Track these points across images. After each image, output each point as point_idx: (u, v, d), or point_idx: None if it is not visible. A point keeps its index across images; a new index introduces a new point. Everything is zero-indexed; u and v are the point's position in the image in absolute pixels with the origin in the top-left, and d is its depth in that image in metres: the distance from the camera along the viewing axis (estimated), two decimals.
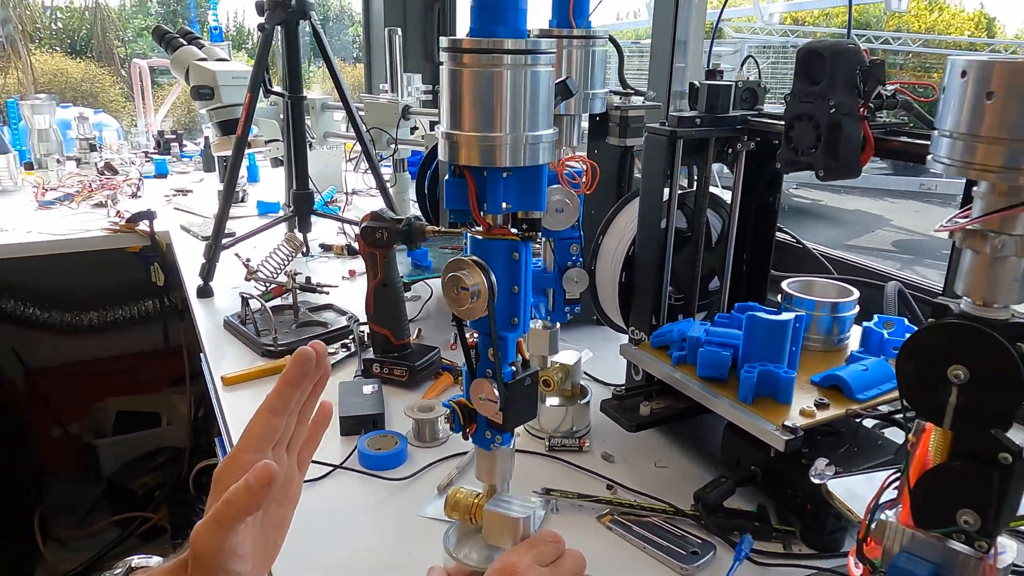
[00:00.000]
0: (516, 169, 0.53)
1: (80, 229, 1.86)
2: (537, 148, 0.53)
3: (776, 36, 6.63)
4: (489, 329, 0.56)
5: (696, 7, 1.81)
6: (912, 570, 0.43)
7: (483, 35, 0.50)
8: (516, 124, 0.51)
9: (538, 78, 0.51)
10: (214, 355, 1.17)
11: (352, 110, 1.48)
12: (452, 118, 0.52)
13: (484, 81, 0.50)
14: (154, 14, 11.32)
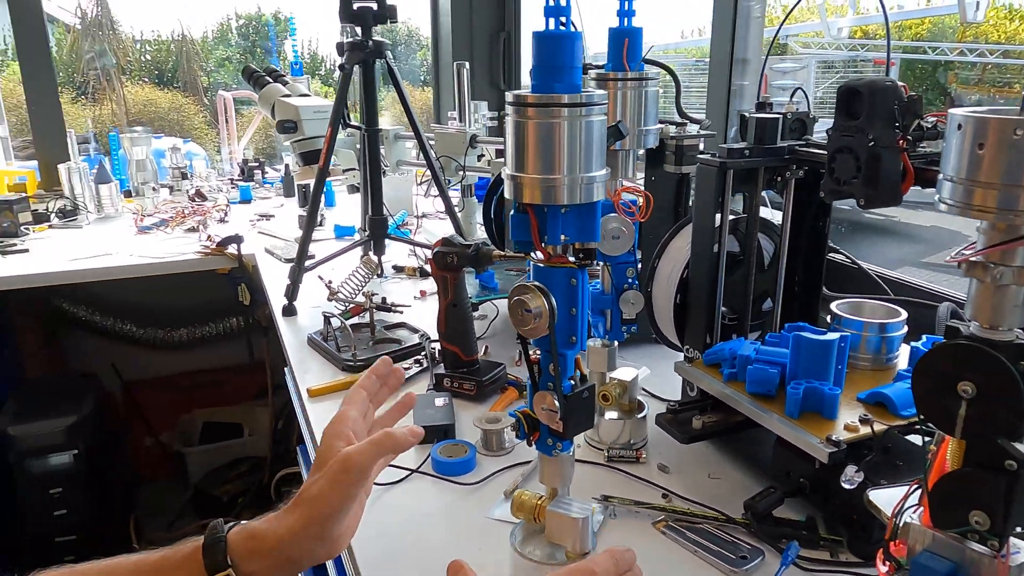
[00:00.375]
0: (573, 206, 0.60)
1: (175, 252, 2.02)
2: (592, 187, 0.60)
3: (844, 51, 6.52)
4: (550, 347, 0.64)
5: (755, 25, 1.85)
6: (932, 567, 0.47)
7: (543, 91, 0.57)
8: (573, 167, 0.59)
9: (592, 126, 0.58)
10: (299, 369, 1.27)
11: (423, 141, 1.58)
12: (516, 162, 0.60)
13: (545, 131, 0.57)
14: (234, 44, 11.89)
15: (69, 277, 1.96)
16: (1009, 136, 0.39)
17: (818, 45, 6.55)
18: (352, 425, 0.69)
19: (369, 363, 1.21)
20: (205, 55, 11.64)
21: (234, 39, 12.08)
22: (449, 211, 1.65)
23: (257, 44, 11.51)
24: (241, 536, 0.65)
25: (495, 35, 2.83)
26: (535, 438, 0.68)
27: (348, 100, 1.55)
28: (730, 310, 1.01)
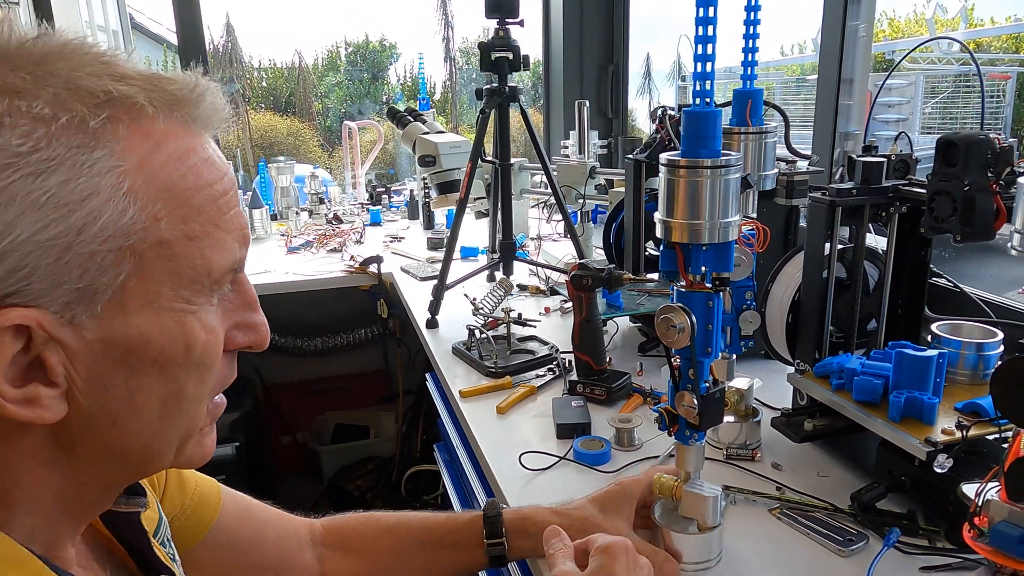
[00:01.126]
0: (712, 244, 0.76)
1: (323, 270, 2.28)
2: (727, 229, 0.76)
3: (956, 65, 6.34)
4: (690, 355, 0.80)
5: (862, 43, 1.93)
6: (1008, 532, 0.60)
7: (691, 155, 0.74)
8: (713, 214, 0.75)
9: (728, 183, 0.74)
10: (448, 374, 1.47)
11: (550, 174, 1.77)
12: (667, 209, 0.77)
13: (692, 187, 0.74)
14: (343, 71, 12.59)
15: None
16: None
17: (926, 60, 6.40)
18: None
19: (508, 370, 1.41)
20: (317, 81, 12.39)
21: (343, 66, 12.80)
22: (571, 235, 1.82)
23: (365, 70, 12.15)
24: (515, 516, 0.87)
25: (604, 67, 3.00)
26: (675, 430, 0.84)
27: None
28: (837, 329, 1.14)
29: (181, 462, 0.54)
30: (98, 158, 0.42)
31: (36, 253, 0.41)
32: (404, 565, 0.88)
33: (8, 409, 0.43)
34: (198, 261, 0.47)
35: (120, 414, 0.47)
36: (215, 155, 0.50)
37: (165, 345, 0.47)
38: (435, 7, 12.06)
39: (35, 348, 0.43)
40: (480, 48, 1.67)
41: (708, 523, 0.85)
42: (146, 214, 0.44)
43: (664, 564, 0.84)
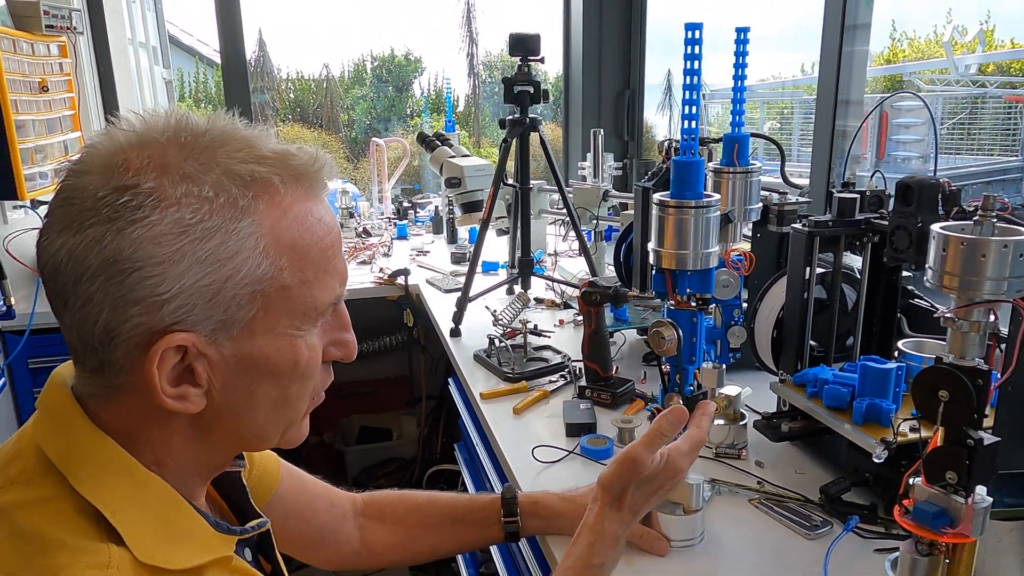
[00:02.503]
0: (696, 270, 0.91)
1: (354, 282, 2.45)
2: (708, 257, 0.91)
3: (974, 87, 6.43)
4: (677, 363, 0.95)
5: (856, 67, 2.06)
6: (927, 510, 0.74)
7: (678, 196, 0.89)
8: (696, 244, 0.90)
9: (710, 220, 0.89)
10: (470, 378, 1.62)
11: (566, 197, 1.92)
12: (658, 240, 0.92)
13: (679, 223, 0.89)
14: (369, 84, 12.87)
15: None
16: (958, 246, 0.67)
17: (944, 82, 6.50)
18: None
19: (524, 376, 1.56)
20: (343, 94, 12.67)
21: (369, 79, 13.09)
22: (585, 253, 1.98)
23: (390, 84, 12.41)
24: (528, 499, 1.03)
25: (621, 93, 3.16)
26: None
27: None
28: (819, 344, 1.28)
29: (281, 443, 0.70)
30: (243, 227, 0.58)
31: (196, 295, 0.56)
32: (432, 537, 1.04)
33: (166, 403, 0.58)
34: (308, 300, 0.62)
35: (242, 409, 0.63)
36: (327, 214, 0.65)
37: (278, 361, 0.62)
38: (459, 23, 12.31)
39: (188, 360, 0.59)
40: (504, 82, 1.84)
41: (692, 506, 0.99)
42: (274, 267, 0.59)
43: (655, 541, 0.99)
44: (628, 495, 0.85)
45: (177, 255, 0.55)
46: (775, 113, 7.91)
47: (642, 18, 3.06)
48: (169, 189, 0.56)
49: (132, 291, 0.55)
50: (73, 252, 0.55)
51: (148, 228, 0.55)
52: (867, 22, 2.05)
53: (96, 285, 0.55)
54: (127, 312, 0.56)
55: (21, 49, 2.02)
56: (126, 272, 0.55)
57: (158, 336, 0.56)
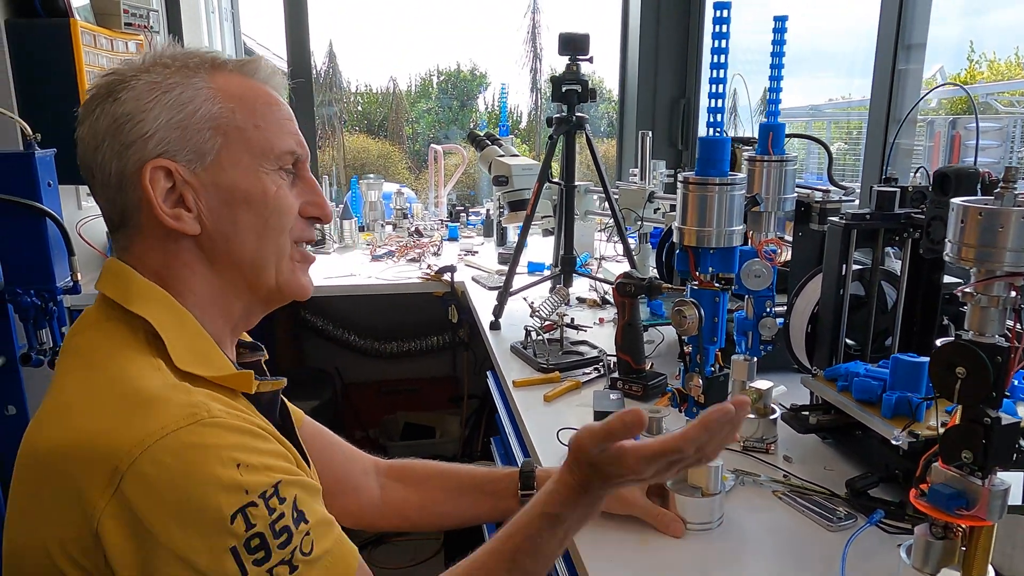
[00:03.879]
0: (719, 248, 0.91)
1: (402, 277, 2.51)
2: (731, 235, 0.91)
3: None
4: (698, 343, 0.95)
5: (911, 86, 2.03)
6: (942, 491, 0.72)
7: (703, 175, 0.90)
8: (720, 222, 0.90)
9: (734, 198, 0.90)
10: (505, 368, 1.64)
11: (611, 197, 1.93)
12: (682, 218, 0.93)
13: (702, 200, 0.90)
14: (434, 98, 13.15)
15: (321, 291, 2.51)
16: (976, 216, 0.66)
17: None
18: None
19: (559, 367, 1.57)
20: (408, 107, 12.98)
21: (434, 93, 13.39)
22: (628, 255, 1.98)
23: (455, 97, 12.65)
24: (545, 474, 1.06)
25: (676, 101, 3.16)
26: (684, 407, 0.99)
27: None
28: (856, 343, 1.26)
29: (282, 284, 0.82)
30: (196, 82, 0.77)
31: (169, 130, 0.75)
32: (450, 502, 1.06)
33: (166, 220, 0.75)
34: (263, 142, 0.79)
35: (231, 234, 0.78)
36: (276, 96, 0.83)
37: (248, 189, 0.78)
38: (524, 39, 12.44)
39: (178, 188, 0.76)
40: (552, 81, 1.87)
41: (710, 490, 0.99)
42: (225, 109, 0.77)
43: (671, 523, 0.98)
44: (583, 464, 0.80)
45: (151, 104, 0.75)
46: (843, 133, 7.75)
47: (699, 26, 3.06)
48: (140, 65, 0.77)
49: (127, 137, 0.74)
50: (89, 129, 0.76)
51: (131, 91, 0.75)
52: (922, 42, 2.02)
53: (105, 144, 0.75)
54: (126, 155, 0.75)
55: (100, 44, 2.15)
56: (121, 125, 0.74)
57: (149, 163, 0.75)
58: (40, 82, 2.01)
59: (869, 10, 2.20)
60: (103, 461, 0.62)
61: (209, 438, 0.64)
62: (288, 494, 0.67)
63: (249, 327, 0.88)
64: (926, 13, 2.02)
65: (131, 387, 0.67)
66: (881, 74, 2.02)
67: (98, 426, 0.64)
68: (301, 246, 0.85)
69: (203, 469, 0.63)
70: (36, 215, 1.69)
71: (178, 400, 0.66)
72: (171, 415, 0.64)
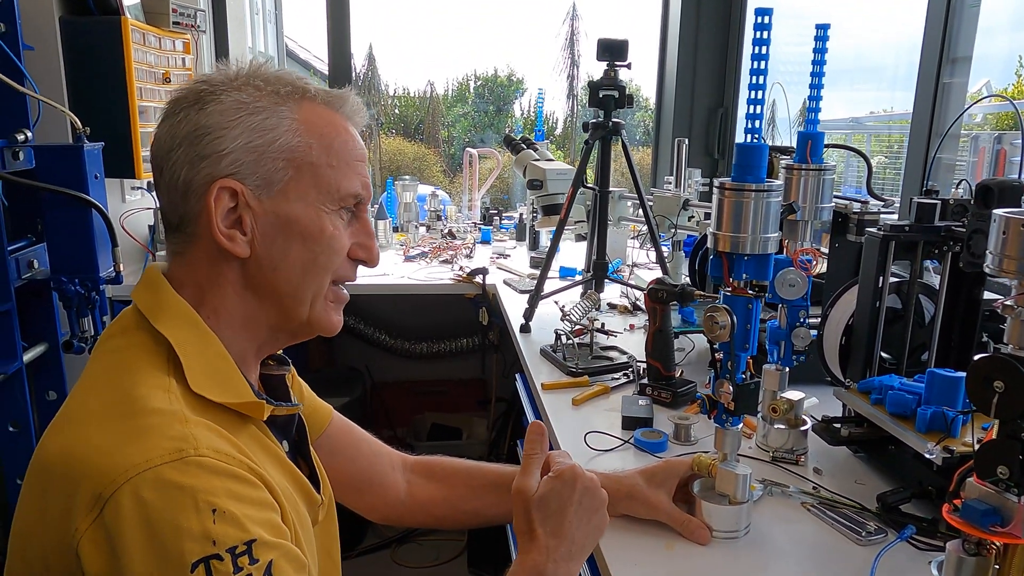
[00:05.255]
0: (753, 255, 0.91)
1: (435, 278, 2.53)
2: (766, 242, 0.91)
3: None
4: (729, 349, 0.94)
5: (954, 100, 2.00)
6: (976, 507, 0.71)
7: (739, 180, 0.90)
8: (755, 229, 0.90)
9: (770, 205, 0.89)
10: (534, 371, 1.65)
11: (645, 203, 1.93)
12: (717, 223, 0.92)
13: (737, 205, 0.89)
14: (471, 103, 13.21)
15: (353, 289, 2.53)
16: (1019, 228, 0.65)
17: None
18: None
19: (588, 371, 1.57)
20: (445, 111, 13.06)
21: (471, 97, 13.45)
22: (660, 262, 1.97)
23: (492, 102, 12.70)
24: None
25: (714, 110, 3.14)
26: (713, 414, 0.98)
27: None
28: (892, 356, 1.24)
29: (313, 320, 0.82)
30: (283, 111, 0.78)
31: (245, 153, 0.76)
32: (474, 499, 1.07)
33: (220, 239, 0.76)
34: (333, 182, 0.79)
35: (279, 262, 0.78)
36: (354, 133, 0.83)
37: (307, 225, 0.78)
38: (563, 46, 12.46)
39: (239, 209, 0.76)
40: (589, 86, 1.87)
41: (738, 498, 0.98)
42: (304, 144, 0.78)
43: (697, 530, 0.98)
44: (537, 525, 0.84)
45: (234, 123, 0.76)
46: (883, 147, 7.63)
47: (740, 35, 3.04)
48: (233, 83, 0.78)
49: (204, 150, 0.75)
50: (169, 130, 0.77)
51: (218, 104, 0.76)
52: (968, 55, 1.99)
53: (181, 150, 0.76)
54: (199, 166, 0.75)
55: (149, 42, 2.21)
56: (201, 136, 0.75)
57: (218, 180, 0.75)
58: (91, 78, 2.08)
59: (914, 22, 2.17)
60: (92, 482, 0.62)
61: (191, 478, 0.63)
62: (263, 556, 0.63)
63: (273, 351, 0.88)
64: (972, 26, 1.99)
65: (134, 408, 0.67)
66: (925, 87, 1.99)
67: (97, 442, 0.65)
68: (339, 286, 0.85)
69: (176, 512, 0.61)
70: (83, 206, 1.74)
71: (171, 432, 0.65)
72: (159, 447, 0.64)
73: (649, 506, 1.01)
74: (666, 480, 1.03)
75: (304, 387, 1.03)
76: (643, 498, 1.01)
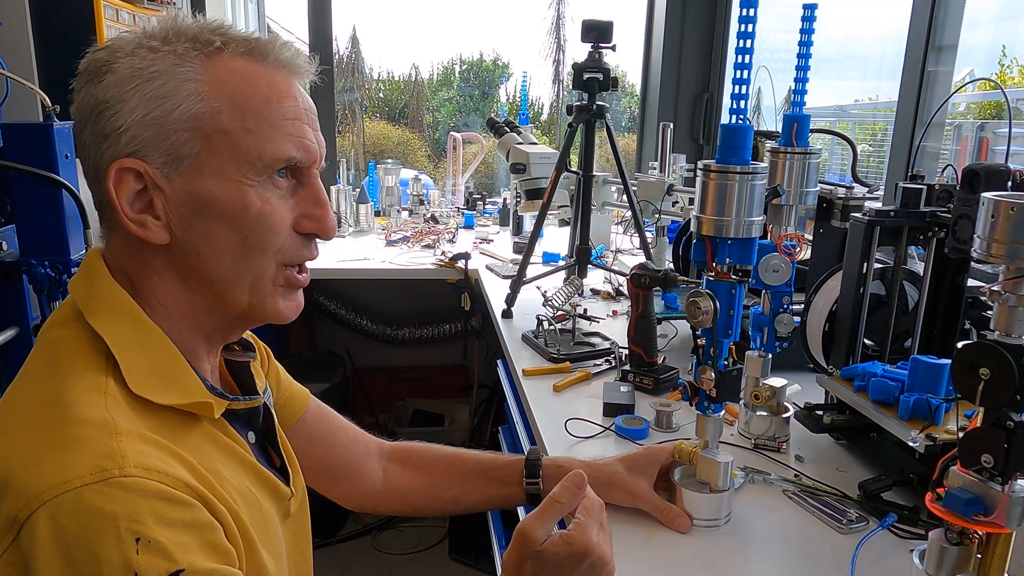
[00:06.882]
0: (737, 239, 0.89)
1: (416, 263, 2.50)
2: (750, 226, 0.89)
3: None
4: (712, 335, 0.92)
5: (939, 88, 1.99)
6: (959, 496, 0.70)
7: (723, 162, 0.87)
8: (739, 212, 0.88)
9: (754, 187, 0.87)
10: (516, 357, 1.63)
11: (628, 188, 1.91)
12: (701, 206, 0.90)
13: (722, 188, 0.87)
14: (456, 87, 13.10)
15: (334, 274, 2.50)
16: (1008, 211, 0.64)
17: None
18: None
19: (569, 357, 1.55)
20: (430, 95, 12.94)
21: (456, 82, 13.33)
22: (644, 247, 1.95)
23: (477, 87, 12.60)
24: (551, 463, 1.04)
25: (699, 95, 3.12)
26: (695, 401, 0.97)
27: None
28: (875, 343, 1.23)
29: (256, 308, 0.73)
30: (182, 72, 0.67)
31: (143, 128, 0.66)
32: (454, 487, 1.05)
33: (129, 225, 0.67)
34: (252, 149, 0.68)
35: (202, 248, 0.69)
36: (285, 87, 0.71)
37: (227, 202, 0.68)
38: (548, 31, 12.38)
39: (149, 191, 0.68)
40: (573, 68, 1.84)
41: (719, 486, 0.97)
42: (210, 109, 0.67)
43: (677, 518, 0.96)
44: (527, 573, 0.75)
45: (129, 94, 0.66)
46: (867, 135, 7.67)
47: (725, 21, 3.01)
48: (128, 45, 0.68)
49: (104, 128, 0.67)
50: (77, 108, 0.69)
51: (112, 75, 0.67)
52: (953, 43, 1.98)
53: (87, 131, 0.68)
54: (102, 147, 0.67)
55: (123, 19, 2.15)
56: (100, 113, 0.67)
57: (116, 162, 0.67)
58: (61, 55, 2.01)
59: (900, 11, 2.15)
60: (9, 502, 0.57)
61: (111, 503, 0.56)
62: None
63: (230, 340, 0.80)
64: (959, 14, 1.97)
65: (63, 415, 0.61)
66: (910, 74, 1.98)
67: (20, 452, 0.59)
68: (292, 269, 0.74)
69: (95, 541, 0.55)
70: (53, 186, 1.69)
71: (96, 447, 0.59)
72: (81, 465, 0.57)
73: (629, 494, 0.99)
74: (647, 468, 1.02)
75: (281, 372, 0.99)
76: (623, 486, 1.00)
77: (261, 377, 0.89)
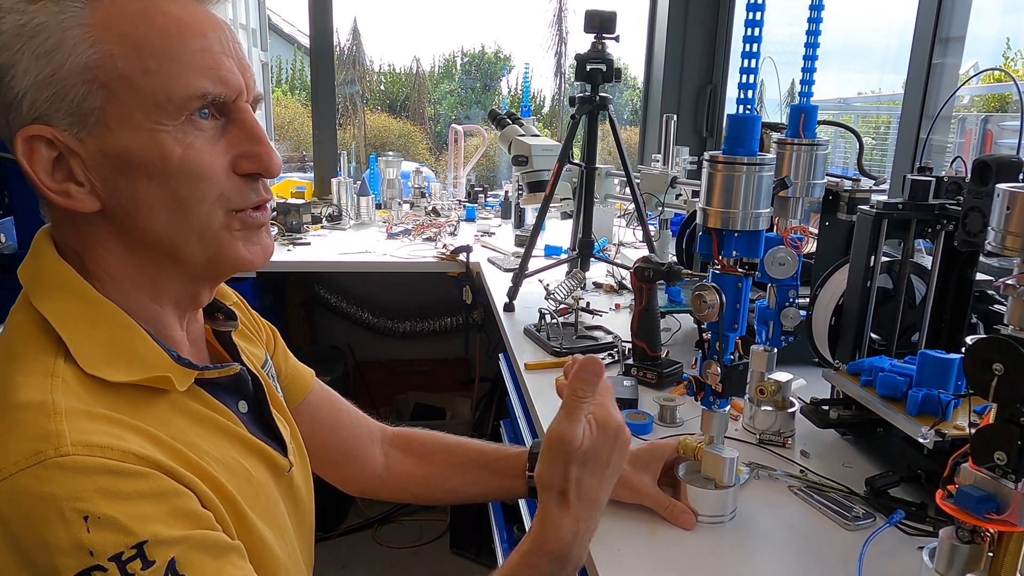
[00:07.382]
0: (744, 231, 0.87)
1: (417, 256, 2.48)
2: (757, 218, 0.87)
3: None
4: (718, 329, 0.91)
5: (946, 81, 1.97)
6: (971, 493, 0.69)
7: (730, 153, 0.86)
8: (746, 204, 0.86)
9: (761, 179, 0.85)
10: (518, 351, 1.61)
11: (632, 180, 1.89)
12: (707, 198, 0.89)
13: (728, 180, 0.85)
14: (457, 79, 13.04)
15: (335, 267, 2.49)
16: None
17: None
18: None
19: (571, 351, 1.54)
20: (431, 87, 12.89)
21: (457, 74, 13.27)
22: (647, 240, 1.94)
23: (479, 80, 12.55)
24: None
25: (702, 87, 3.09)
26: (700, 396, 0.95)
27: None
28: (881, 337, 1.21)
29: (214, 259, 0.68)
30: (65, 19, 0.61)
31: (38, 89, 0.61)
32: (455, 477, 1.04)
33: (52, 196, 0.63)
34: (159, 91, 0.62)
35: (132, 209, 0.65)
36: (184, 12, 0.64)
37: (143, 155, 0.63)
38: (551, 23, 12.33)
39: (65, 159, 0.63)
40: (576, 59, 1.82)
41: (724, 482, 0.95)
42: (102, 54, 0.61)
43: (681, 514, 0.95)
44: (572, 484, 0.74)
45: (19, 55, 0.61)
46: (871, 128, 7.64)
47: (729, 11, 2.99)
48: (8, 2, 0.61)
49: (5, 97, 0.62)
50: None
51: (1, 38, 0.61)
52: (961, 35, 1.96)
53: None
54: (9, 119, 0.63)
55: None
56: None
57: (20, 132, 0.62)
58: None
59: (904, 3, 2.13)
60: None
61: (50, 485, 0.54)
62: (160, 555, 0.55)
63: (201, 302, 0.75)
64: (967, 5, 1.95)
65: (4, 401, 0.59)
66: (917, 66, 1.96)
67: None
68: (245, 212, 0.69)
69: (40, 526, 0.53)
70: None
71: (30, 431, 0.56)
72: (17, 450, 0.55)
73: (633, 490, 0.98)
74: (650, 463, 1.01)
75: (288, 352, 0.98)
76: (627, 481, 0.98)
77: (259, 348, 0.88)
